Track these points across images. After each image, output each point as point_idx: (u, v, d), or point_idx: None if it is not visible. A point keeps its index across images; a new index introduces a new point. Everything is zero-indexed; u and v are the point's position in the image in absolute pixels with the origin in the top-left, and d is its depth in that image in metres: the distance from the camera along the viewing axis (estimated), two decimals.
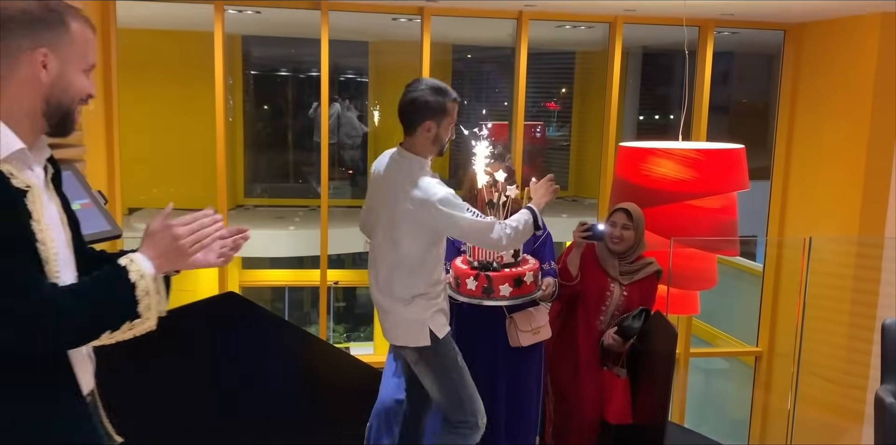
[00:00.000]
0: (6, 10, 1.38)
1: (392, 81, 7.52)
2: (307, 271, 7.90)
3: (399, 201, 2.48)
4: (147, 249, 1.45)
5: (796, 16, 4.92)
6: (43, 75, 1.41)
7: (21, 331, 1.32)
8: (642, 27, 5.26)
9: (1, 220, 1.30)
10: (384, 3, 4.76)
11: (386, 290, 2.61)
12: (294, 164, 8.55)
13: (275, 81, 8.31)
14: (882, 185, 4.72)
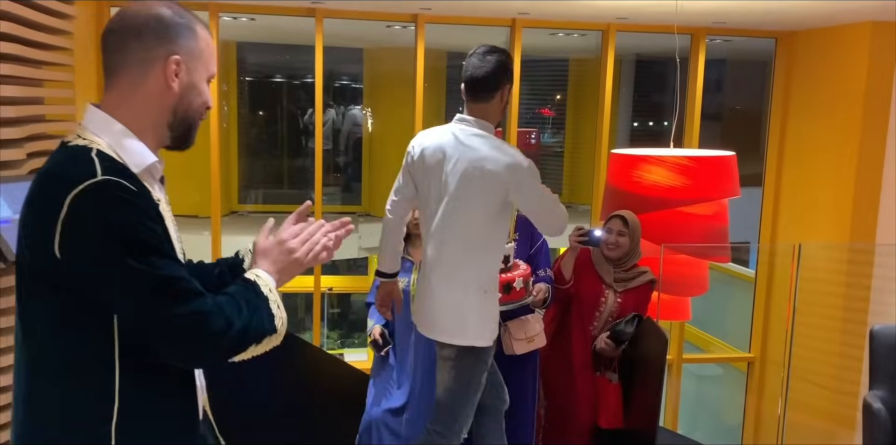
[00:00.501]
0: (139, 16, 1.36)
1: (387, 87, 7.54)
2: (301, 278, 7.89)
3: (481, 168, 2.44)
4: (264, 264, 1.44)
5: (788, 24, 4.95)
6: (175, 85, 1.38)
7: (179, 340, 1.29)
8: (636, 35, 5.29)
9: (155, 230, 1.29)
10: (378, 11, 4.78)
11: (454, 276, 2.52)
12: (288, 170, 8.56)
13: (269, 87, 8.33)
14: (873, 192, 4.75)
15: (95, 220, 1.24)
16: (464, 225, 2.49)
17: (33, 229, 1.28)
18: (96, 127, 1.36)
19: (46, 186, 1.29)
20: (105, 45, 1.38)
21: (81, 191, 1.24)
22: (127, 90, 1.38)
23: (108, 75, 1.39)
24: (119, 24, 1.37)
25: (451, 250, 2.51)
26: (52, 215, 1.24)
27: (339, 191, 8.42)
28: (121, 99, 1.38)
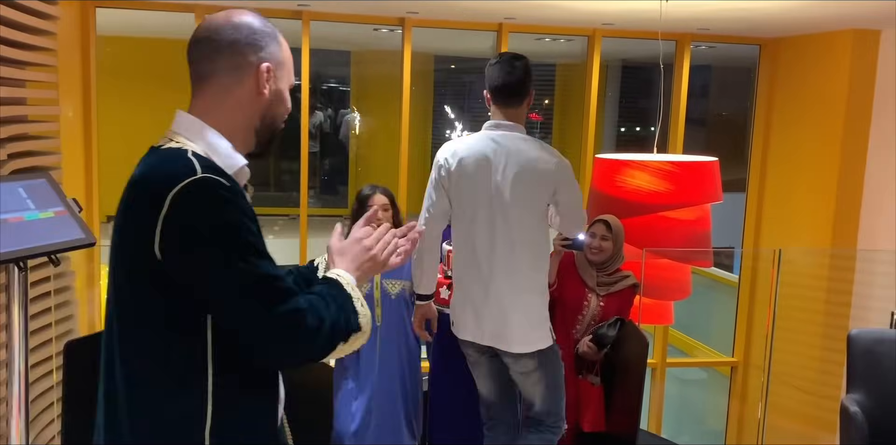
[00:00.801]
0: (229, 25, 1.39)
1: (374, 90, 7.55)
2: None
3: (533, 169, 2.53)
4: (343, 263, 1.46)
5: (772, 31, 5.00)
6: (266, 92, 1.42)
7: (277, 339, 1.29)
8: (622, 41, 5.32)
9: (252, 228, 1.30)
10: (365, 14, 4.79)
11: (521, 281, 2.57)
12: (274, 172, 8.54)
13: None
14: (854, 198, 4.80)
15: (198, 217, 1.25)
16: (525, 228, 2.57)
17: (133, 230, 1.29)
18: (188, 131, 1.40)
19: (145, 186, 1.31)
20: (195, 52, 1.41)
21: (183, 188, 1.25)
22: (218, 96, 1.41)
23: (198, 81, 1.42)
24: (210, 32, 1.40)
25: (517, 255, 2.55)
26: (153, 213, 1.25)
27: (325, 194, 8.41)
28: (212, 105, 1.41)
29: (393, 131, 7.49)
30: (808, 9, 3.98)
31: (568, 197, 2.61)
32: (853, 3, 3.77)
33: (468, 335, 2.70)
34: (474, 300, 2.62)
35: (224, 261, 1.26)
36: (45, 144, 2.94)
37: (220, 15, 1.42)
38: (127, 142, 6.76)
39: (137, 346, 1.32)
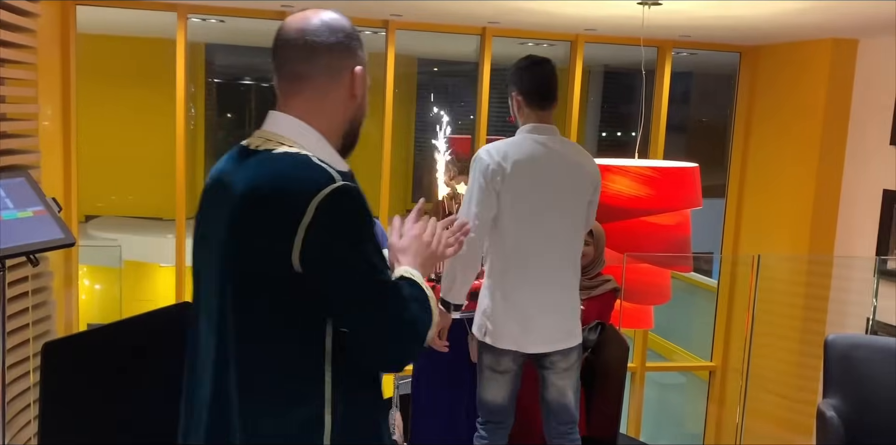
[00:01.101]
0: (325, 27, 1.39)
1: None
2: None
3: (581, 173, 2.60)
4: (407, 260, 1.48)
5: (752, 39, 5.05)
6: (358, 95, 1.43)
7: (399, 340, 1.34)
8: (605, 46, 5.35)
9: (371, 231, 1.32)
10: (349, 16, 4.77)
11: (569, 281, 2.64)
12: None
13: (237, 89, 8.28)
14: (831, 204, 4.85)
15: (344, 226, 1.28)
16: (576, 230, 2.64)
17: (261, 238, 1.28)
18: (293, 134, 1.38)
19: (278, 193, 1.29)
20: (289, 53, 1.39)
21: (328, 196, 1.26)
22: (315, 99, 1.40)
23: (292, 82, 1.41)
24: (306, 34, 1.38)
25: (565, 255, 2.61)
26: (291, 221, 1.25)
27: None
28: (309, 107, 1.40)
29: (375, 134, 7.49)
30: (788, 18, 4.03)
31: (597, 200, 2.72)
32: (832, 12, 3.82)
33: (510, 344, 2.65)
34: (522, 307, 2.60)
35: (364, 269, 1.30)
36: (24, 142, 2.91)
37: (312, 15, 1.40)
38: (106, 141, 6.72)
39: (258, 352, 1.32)
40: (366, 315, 1.31)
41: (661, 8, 3.74)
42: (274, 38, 1.42)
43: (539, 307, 2.59)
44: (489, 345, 2.68)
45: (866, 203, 4.67)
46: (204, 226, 1.43)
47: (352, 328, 1.32)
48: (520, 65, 2.67)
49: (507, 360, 2.69)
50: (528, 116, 2.63)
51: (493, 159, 2.53)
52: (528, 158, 2.54)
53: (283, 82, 1.41)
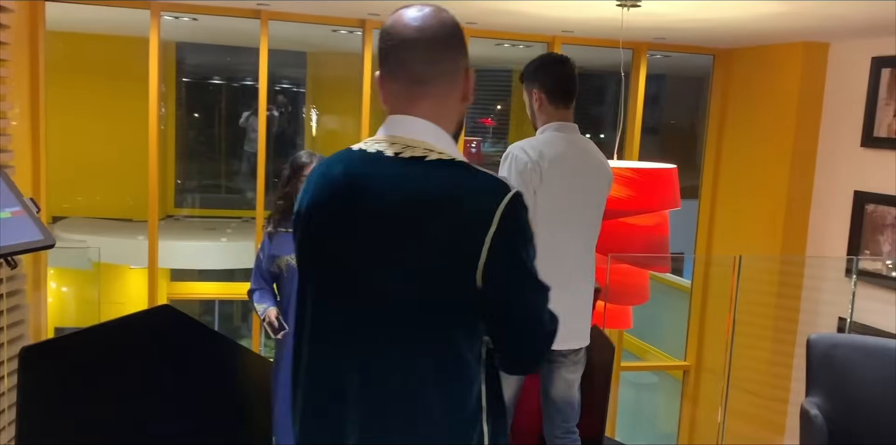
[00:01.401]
0: (442, 26, 1.36)
1: (331, 91, 7.49)
2: (239, 284, 7.77)
3: (603, 171, 2.63)
4: None
5: (725, 42, 5.11)
6: (470, 95, 1.42)
7: (547, 343, 1.42)
8: (577, 48, 5.37)
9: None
10: (325, 15, 4.74)
11: (590, 277, 2.67)
12: (226, 174, 8.40)
13: (208, 89, 8.17)
14: (803, 205, 4.93)
15: (524, 231, 1.31)
16: (596, 228, 2.67)
17: (445, 246, 1.28)
18: (432, 139, 1.36)
19: (459, 202, 1.29)
20: (412, 54, 1.35)
21: (509, 203, 1.28)
22: (439, 101, 1.37)
23: (417, 85, 1.36)
24: (426, 33, 1.34)
25: (590, 253, 2.65)
26: (479, 229, 1.26)
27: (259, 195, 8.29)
28: (435, 110, 1.37)
29: (351, 133, 7.44)
30: (762, 21, 4.08)
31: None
32: (804, 16, 3.87)
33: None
34: (556, 305, 2.59)
35: (536, 273, 1.34)
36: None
37: (428, 13, 1.36)
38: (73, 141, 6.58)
39: (424, 356, 1.32)
40: (534, 318, 1.36)
41: (638, 10, 3.77)
42: (384, 38, 1.37)
43: (566, 306, 2.57)
44: None
45: (838, 204, 4.75)
46: (342, 230, 1.37)
47: (515, 330, 1.36)
48: (541, 62, 2.66)
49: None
50: (550, 114, 2.61)
51: (530, 157, 2.48)
52: (561, 157, 2.51)
53: (402, 84, 1.37)
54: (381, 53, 1.37)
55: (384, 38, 1.37)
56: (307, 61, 7.24)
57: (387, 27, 1.37)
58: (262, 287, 3.23)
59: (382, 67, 1.38)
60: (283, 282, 3.20)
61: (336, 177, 1.39)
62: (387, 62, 1.37)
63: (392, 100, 1.39)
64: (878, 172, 4.50)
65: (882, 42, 4.41)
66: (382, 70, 1.39)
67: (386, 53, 1.37)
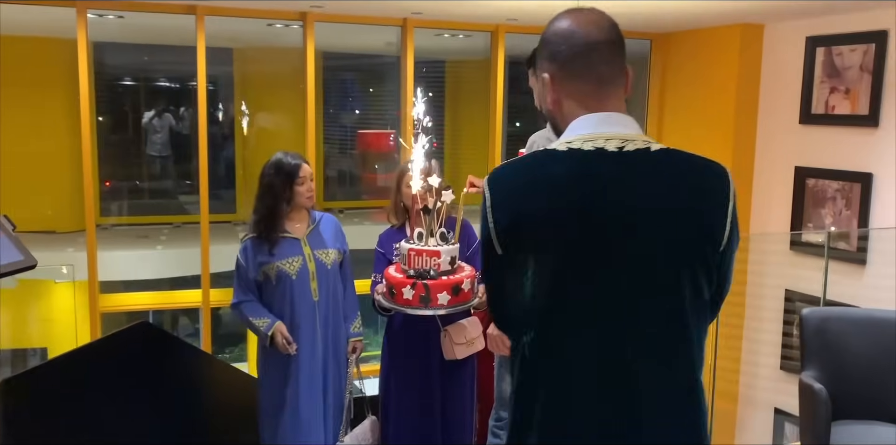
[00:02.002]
0: (614, 27, 1.45)
1: (261, 89, 7.24)
2: (172, 293, 7.44)
3: None
4: None
5: (662, 26, 5.20)
6: (630, 88, 1.49)
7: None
8: (508, 37, 5.34)
9: None
10: (265, 8, 4.57)
11: None
12: (148, 178, 8.04)
13: (127, 90, 7.79)
14: (745, 183, 5.08)
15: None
16: None
17: (710, 222, 1.40)
18: (638, 130, 1.45)
19: (722, 181, 1.43)
20: (601, 56, 1.42)
21: (730, 179, 1.45)
22: (620, 97, 1.46)
23: (606, 85, 1.43)
24: (609, 35, 1.43)
25: None
26: (723, 207, 1.40)
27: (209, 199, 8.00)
28: (619, 105, 1.46)
29: (286, 131, 7.23)
30: (698, 5, 4.15)
31: None
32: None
33: None
34: None
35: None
36: None
37: (602, 15, 1.45)
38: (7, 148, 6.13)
39: (688, 341, 1.40)
40: (727, 286, 1.50)
41: None
42: (566, 41, 1.42)
43: None
44: None
45: (780, 180, 4.92)
46: (604, 228, 1.38)
47: (724, 289, 1.49)
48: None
49: None
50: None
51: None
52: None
53: (592, 85, 1.43)
54: (561, 56, 1.42)
55: (566, 42, 1.42)
56: (234, 58, 6.98)
57: (565, 31, 1.43)
58: (251, 299, 3.03)
59: (563, 69, 1.43)
60: (269, 290, 3.02)
61: (566, 176, 1.39)
62: (572, 64, 1.42)
63: (577, 100, 1.44)
64: (816, 147, 4.67)
65: (816, 22, 4.58)
66: (562, 72, 1.43)
67: (571, 56, 1.42)
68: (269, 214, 3.00)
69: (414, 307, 2.61)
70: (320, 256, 3.06)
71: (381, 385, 3.12)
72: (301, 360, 2.98)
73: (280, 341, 2.94)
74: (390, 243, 3.04)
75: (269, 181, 3.01)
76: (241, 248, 3.06)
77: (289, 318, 3.00)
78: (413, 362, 2.96)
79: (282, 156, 3.05)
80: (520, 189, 1.41)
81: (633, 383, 1.36)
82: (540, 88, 1.52)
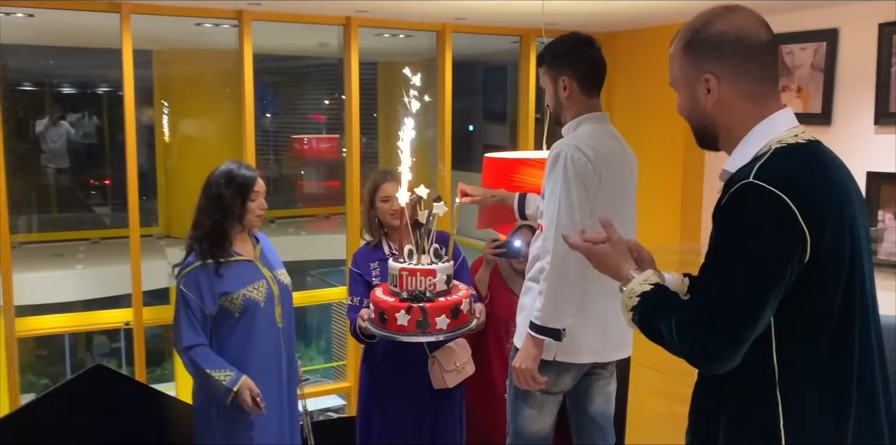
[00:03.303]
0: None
1: (185, 93, 6.79)
2: (90, 314, 6.88)
3: (635, 165, 2.45)
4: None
5: (608, 25, 5.11)
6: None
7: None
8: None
9: None
10: (198, 6, 4.20)
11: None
12: (58, 191, 7.47)
13: (32, 96, 7.19)
14: (696, 191, 5.00)
15: None
16: (635, 225, 2.46)
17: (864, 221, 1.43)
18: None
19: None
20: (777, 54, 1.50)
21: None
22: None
23: (774, 84, 1.49)
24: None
25: None
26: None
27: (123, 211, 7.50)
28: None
29: (210, 138, 6.81)
30: (643, 4, 4.06)
31: None
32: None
33: (591, 356, 2.34)
34: (602, 316, 2.30)
35: None
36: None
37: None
38: None
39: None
40: None
41: None
42: (765, 41, 1.44)
43: (616, 313, 2.35)
44: (558, 363, 2.31)
45: None
46: (860, 229, 1.42)
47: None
48: (573, 45, 2.35)
49: (570, 377, 2.38)
50: (582, 104, 2.36)
51: (588, 157, 2.22)
52: (610, 154, 2.29)
53: (776, 82, 1.49)
54: (759, 57, 1.44)
55: (763, 41, 1.44)
56: (153, 60, 6.51)
57: (752, 31, 1.43)
58: (204, 343, 2.58)
59: (767, 69, 1.46)
60: (229, 324, 2.61)
61: (832, 170, 1.42)
62: (771, 64, 1.46)
63: (765, 95, 1.46)
64: None
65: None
66: (768, 73, 1.46)
67: (770, 56, 1.46)
68: (217, 231, 2.62)
69: (410, 334, 2.35)
70: (280, 277, 2.76)
71: (361, 420, 2.84)
72: (269, 397, 2.66)
73: (248, 399, 2.54)
74: (367, 263, 2.78)
75: (218, 193, 2.62)
76: (184, 279, 2.59)
77: (255, 352, 2.63)
78: (399, 394, 2.71)
79: (234, 166, 2.70)
80: (825, 192, 1.37)
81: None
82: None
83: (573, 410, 2.52)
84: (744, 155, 1.43)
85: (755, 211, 1.31)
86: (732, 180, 1.38)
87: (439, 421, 2.75)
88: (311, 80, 8.17)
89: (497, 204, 2.93)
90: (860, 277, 1.38)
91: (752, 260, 1.31)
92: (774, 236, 1.30)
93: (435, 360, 2.67)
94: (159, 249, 6.11)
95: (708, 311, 1.34)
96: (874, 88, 4.11)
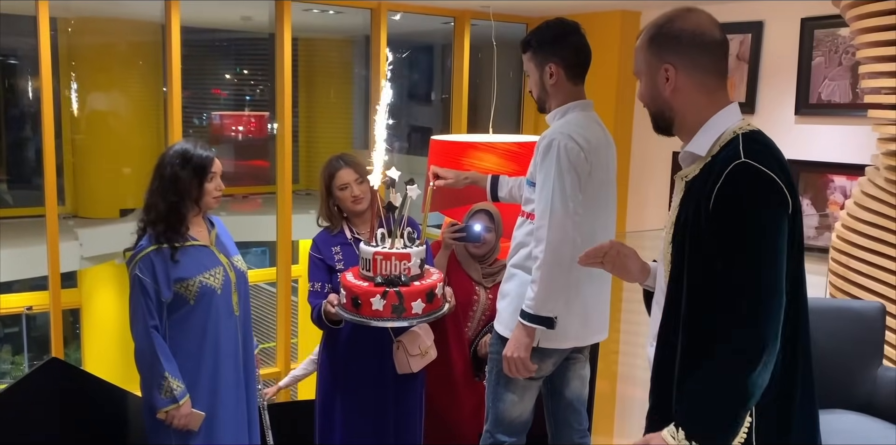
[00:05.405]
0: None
1: (92, 65, 6.39)
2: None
3: (614, 152, 2.42)
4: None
5: (539, 10, 5.12)
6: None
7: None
8: (365, 15, 5.00)
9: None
10: None
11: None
12: None
13: None
14: (622, 177, 5.14)
15: None
16: (615, 211, 2.43)
17: None
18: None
19: None
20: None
21: None
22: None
23: (723, 78, 1.64)
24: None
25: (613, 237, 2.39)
26: None
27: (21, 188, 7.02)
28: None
29: (123, 113, 6.45)
30: None
31: None
32: None
33: (573, 341, 2.36)
34: (585, 301, 2.32)
35: None
36: None
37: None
38: None
39: None
40: None
41: None
42: (717, 39, 1.61)
43: (596, 297, 2.37)
44: (542, 349, 2.30)
45: (657, 169, 5.03)
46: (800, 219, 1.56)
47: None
48: (559, 32, 2.30)
49: (552, 362, 2.40)
50: (568, 91, 2.32)
51: (580, 145, 2.21)
52: (598, 144, 2.28)
53: (724, 78, 1.63)
54: (713, 53, 1.60)
55: (717, 39, 1.60)
56: (59, 28, 6.08)
57: (708, 30, 1.60)
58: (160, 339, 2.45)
59: (718, 64, 1.61)
60: (184, 312, 2.48)
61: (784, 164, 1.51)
62: (722, 60, 1.61)
63: (716, 87, 1.60)
64: None
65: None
66: (719, 67, 1.61)
67: (721, 52, 1.61)
68: (173, 214, 2.50)
69: (384, 319, 2.31)
70: (237, 264, 2.66)
71: (321, 405, 2.78)
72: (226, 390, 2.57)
73: (180, 421, 2.44)
74: (328, 247, 2.70)
75: (174, 174, 2.49)
76: (139, 264, 2.45)
77: (212, 342, 2.52)
78: (363, 379, 2.67)
79: (189, 146, 2.55)
80: (787, 175, 1.47)
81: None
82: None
83: (549, 394, 2.55)
84: (707, 139, 1.55)
85: (758, 199, 1.42)
86: (715, 161, 1.50)
87: (402, 406, 2.72)
88: (216, 54, 7.86)
89: (447, 188, 2.91)
90: (801, 249, 1.53)
91: (770, 257, 1.43)
92: (780, 229, 1.43)
93: (400, 345, 2.63)
94: (68, 229, 5.76)
95: (749, 310, 1.42)
96: (795, 80, 4.32)
